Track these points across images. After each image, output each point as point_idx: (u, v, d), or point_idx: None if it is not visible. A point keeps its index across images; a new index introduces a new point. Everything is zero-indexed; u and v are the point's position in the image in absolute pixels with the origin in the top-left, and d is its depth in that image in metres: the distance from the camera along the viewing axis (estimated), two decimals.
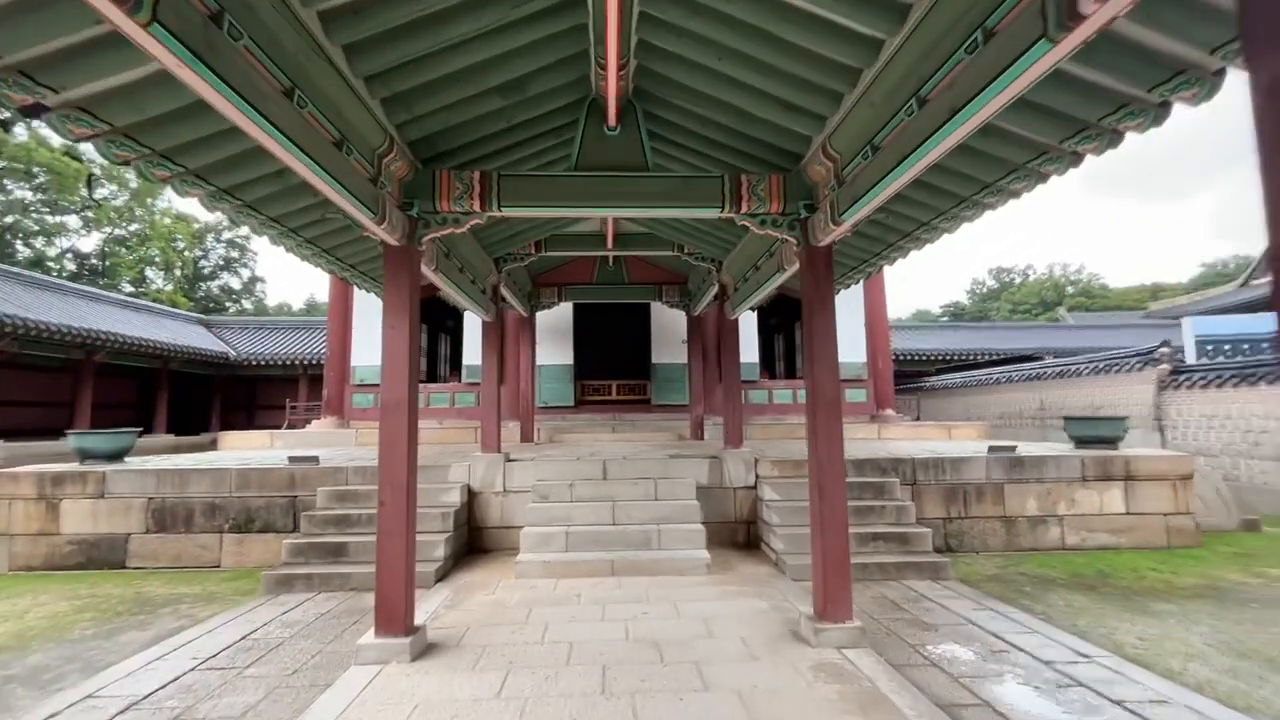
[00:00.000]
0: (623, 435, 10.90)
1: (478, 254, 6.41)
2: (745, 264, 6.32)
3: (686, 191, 4.25)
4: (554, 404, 12.06)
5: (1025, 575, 6.01)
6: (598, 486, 6.69)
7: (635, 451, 8.20)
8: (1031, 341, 22.06)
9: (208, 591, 5.83)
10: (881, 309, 12.56)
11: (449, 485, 6.74)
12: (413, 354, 4.07)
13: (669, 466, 7.04)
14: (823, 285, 4.21)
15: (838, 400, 4.14)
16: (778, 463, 7.08)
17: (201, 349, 19.16)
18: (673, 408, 12.22)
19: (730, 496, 7.04)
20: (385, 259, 4.08)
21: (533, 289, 10.35)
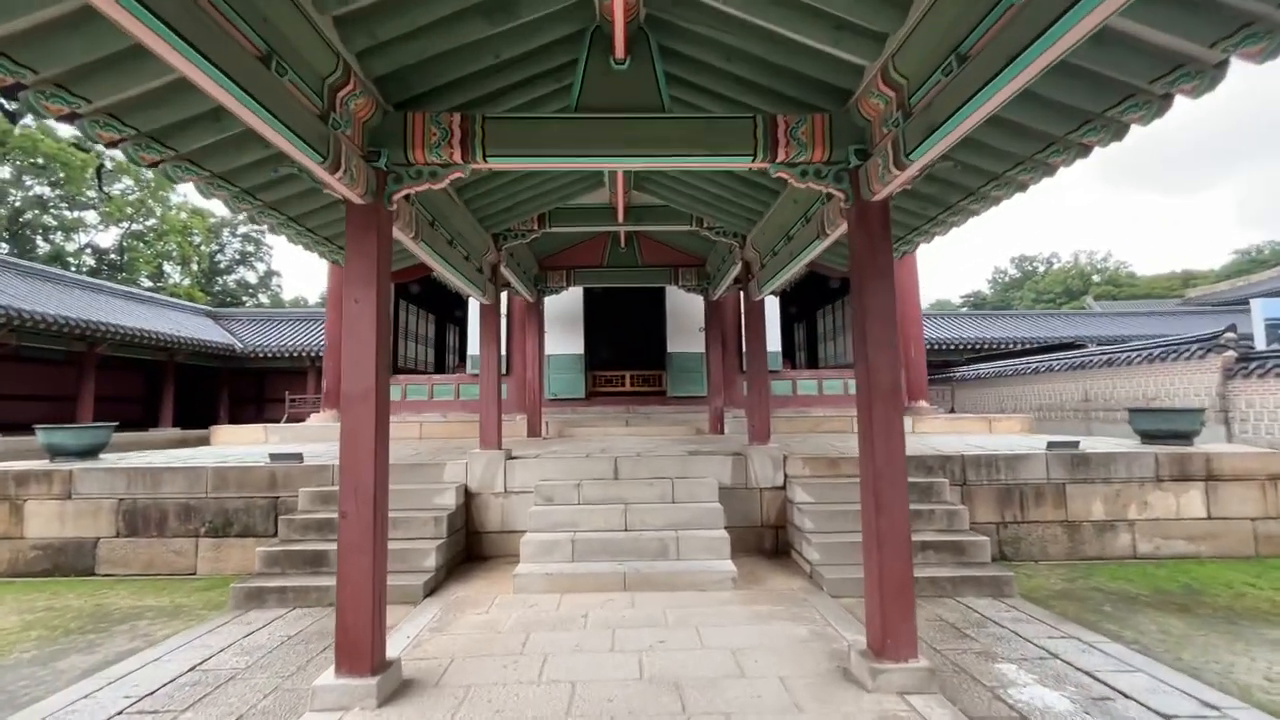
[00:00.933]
0: (636, 429, 10.19)
1: (472, 227, 5.71)
2: (774, 235, 5.55)
3: (710, 136, 3.49)
4: (563, 396, 11.38)
5: (1100, 591, 5.22)
6: (608, 487, 5.99)
7: (650, 447, 7.49)
8: (1065, 330, 20.95)
9: (175, 604, 5.23)
10: (913, 292, 11.69)
11: (443, 486, 6.08)
12: (381, 333, 3.38)
13: (688, 465, 6.32)
14: (878, 249, 3.44)
15: (898, 390, 3.39)
16: (809, 460, 6.32)
17: (207, 341, 18.78)
18: (690, 400, 11.48)
19: (756, 499, 6.30)
20: (348, 220, 3.39)
21: (539, 272, 9.65)
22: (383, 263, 3.41)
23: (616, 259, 9.83)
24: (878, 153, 3.27)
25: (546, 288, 9.67)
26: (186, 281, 35.47)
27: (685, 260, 9.83)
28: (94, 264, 32.64)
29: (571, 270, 9.71)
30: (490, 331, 6.53)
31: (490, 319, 6.55)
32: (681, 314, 11.61)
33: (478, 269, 6.06)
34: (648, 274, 9.88)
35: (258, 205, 4.02)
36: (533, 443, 8.76)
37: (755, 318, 6.56)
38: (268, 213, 4.18)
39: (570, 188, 6.09)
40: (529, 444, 8.50)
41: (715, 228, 6.64)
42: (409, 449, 8.16)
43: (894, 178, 3.13)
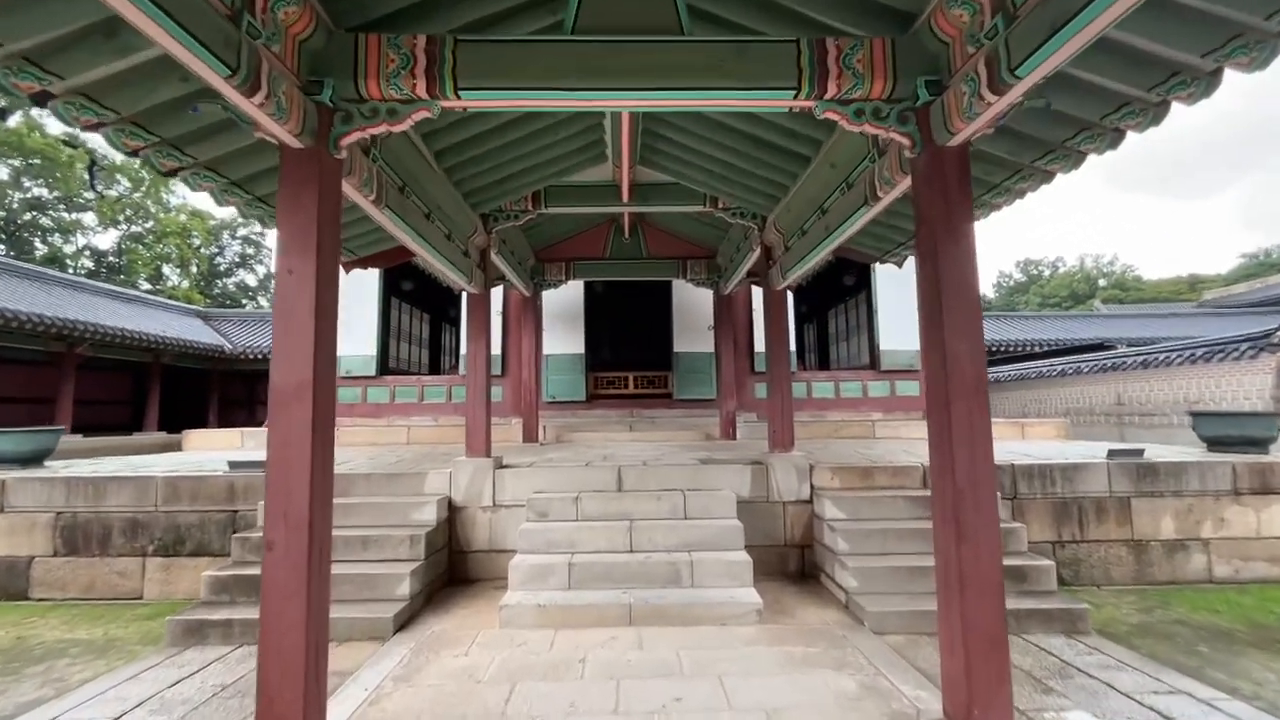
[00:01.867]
0: (641, 434, 9.44)
1: (455, 203, 4.99)
2: (802, 211, 4.81)
3: (741, 64, 2.76)
4: (562, 398, 10.64)
5: (1185, 625, 4.46)
6: (611, 501, 5.24)
7: (657, 455, 6.75)
8: (1083, 332, 20.18)
9: (107, 638, 4.49)
10: None
11: (423, 499, 5.34)
12: (324, 314, 2.65)
13: (700, 475, 5.57)
14: (956, 207, 2.70)
15: (983, 387, 2.65)
16: (839, 471, 5.57)
17: (194, 342, 18.09)
18: (698, 403, 10.73)
19: (779, 514, 5.55)
20: (281, 169, 2.66)
21: (536, 264, 8.93)
22: (327, 224, 2.68)
23: (620, 250, 9.12)
24: (960, 81, 2.53)
25: (544, 281, 8.95)
26: (185, 284, 35.23)
27: (694, 251, 9.11)
28: (92, 266, 32.41)
29: (571, 262, 8.99)
30: (479, 326, 5.80)
31: (479, 311, 5.82)
32: (689, 311, 10.87)
33: (463, 252, 5.34)
34: (653, 266, 9.16)
35: (189, 163, 3.30)
36: (528, 449, 8.03)
37: (776, 311, 5.82)
38: (204, 175, 3.45)
39: (568, 159, 5.37)
40: (524, 450, 7.76)
41: (732, 208, 5.91)
42: (392, 455, 7.42)
43: (986, 108, 2.40)
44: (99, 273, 31.41)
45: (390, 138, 3.52)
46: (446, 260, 4.85)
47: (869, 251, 5.89)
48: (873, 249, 5.79)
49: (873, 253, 5.87)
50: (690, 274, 9.02)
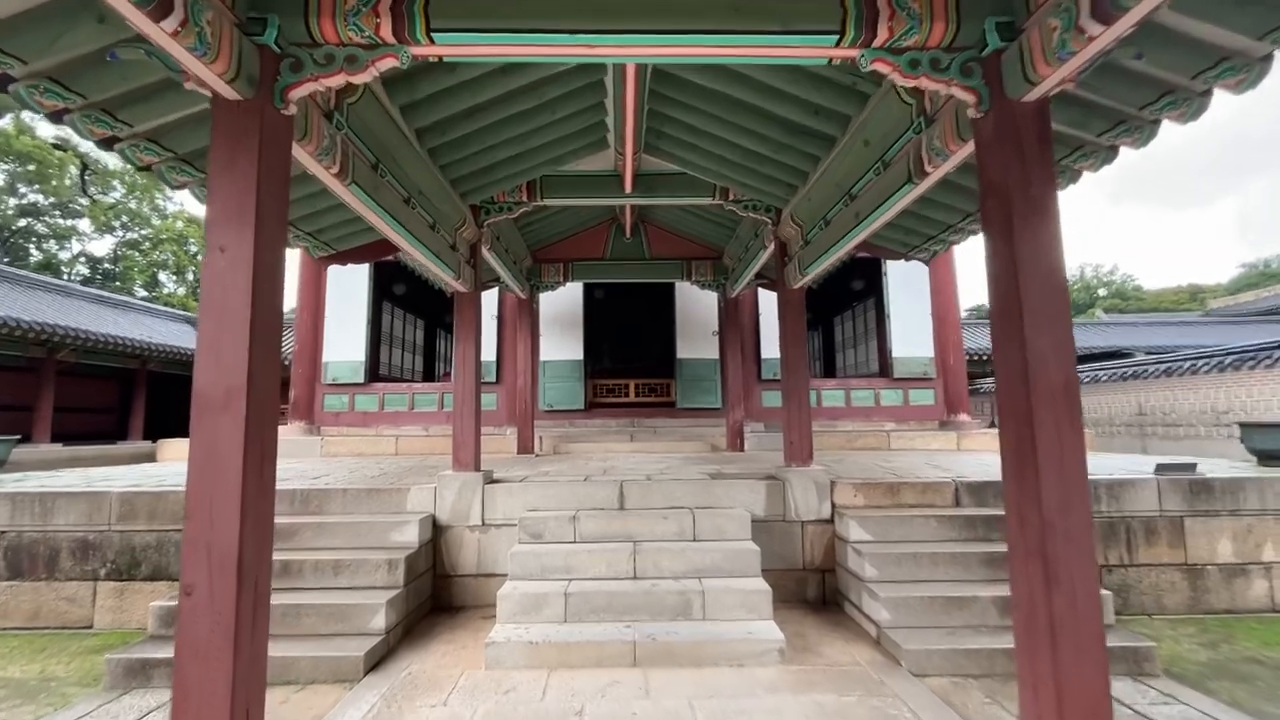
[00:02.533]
0: (642, 445, 8.93)
1: (440, 189, 4.51)
2: (826, 199, 4.34)
3: (773, 1, 2.29)
4: (560, 407, 10.14)
5: (1260, 664, 3.94)
6: (612, 520, 4.73)
7: (661, 468, 6.24)
8: (1090, 340, 19.75)
9: (43, 676, 3.97)
10: (951, 292, 10.48)
11: (404, 518, 4.82)
12: (265, 303, 2.16)
13: (710, 492, 5.06)
14: (1035, 171, 2.23)
15: (1073, 391, 2.16)
16: (862, 487, 5.07)
17: (183, 348, 17.56)
18: (702, 412, 10.23)
19: (797, 535, 5.04)
20: (214, 124, 2.18)
21: (532, 265, 8.46)
22: (270, 194, 2.20)
23: (620, 251, 8.65)
24: (1049, 13, 2.06)
25: (541, 283, 8.48)
26: (182, 291, 35.12)
27: (699, 252, 8.65)
28: (88, 273, 32.37)
29: (569, 263, 8.52)
30: (468, 327, 5.31)
31: (468, 312, 5.33)
32: (693, 316, 10.39)
33: (450, 245, 4.85)
34: (656, 268, 8.69)
35: (125, 132, 2.81)
36: (522, 461, 7.51)
37: (792, 312, 5.33)
38: (145, 146, 2.96)
39: (566, 144, 4.90)
40: (518, 463, 7.25)
41: (743, 200, 5.44)
42: (376, 468, 6.90)
43: (1084, 45, 1.93)
44: (94, 279, 31.34)
45: (359, 104, 3.05)
46: (431, 253, 4.36)
47: (891, 249, 5.41)
48: (897, 245, 5.32)
49: (896, 250, 5.40)
50: (695, 276, 8.55)
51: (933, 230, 4.83)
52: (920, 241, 5.03)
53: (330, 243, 4.96)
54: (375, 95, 3.26)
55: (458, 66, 3.45)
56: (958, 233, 4.73)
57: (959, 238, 4.86)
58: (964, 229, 4.62)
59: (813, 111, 3.85)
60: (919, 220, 4.78)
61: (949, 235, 4.86)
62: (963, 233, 4.70)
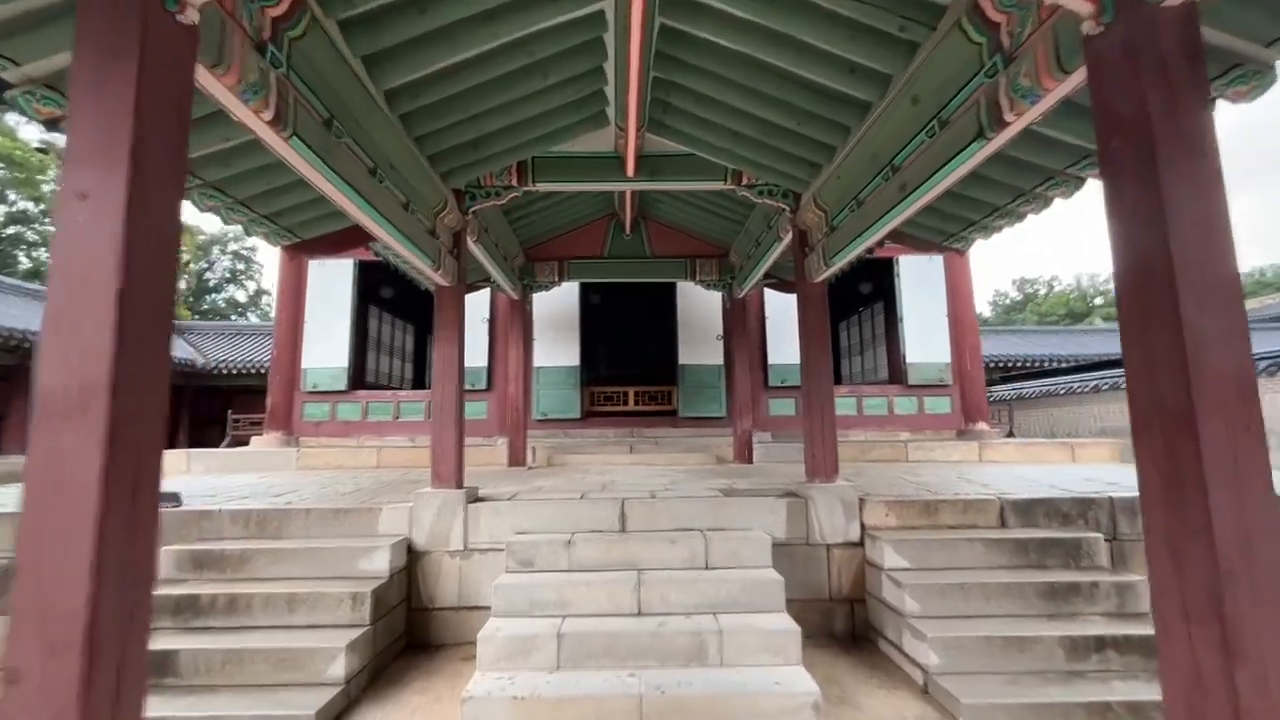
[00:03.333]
0: (643, 457, 8.33)
1: (416, 165, 3.94)
2: (861, 173, 3.77)
3: None
4: (554, 416, 9.54)
5: None
6: (612, 545, 4.12)
7: (665, 483, 5.64)
8: (1099, 347, 19.30)
9: None
10: (967, 292, 9.95)
11: (375, 542, 4.20)
12: (139, 267, 1.57)
13: (723, 511, 4.47)
14: (1184, 94, 1.66)
15: (1250, 390, 1.58)
16: (895, 505, 4.48)
17: None
18: (706, 421, 9.65)
19: (822, 560, 4.44)
20: (78, 22, 1.60)
21: (525, 263, 7.89)
22: (156, 122, 1.62)
23: (620, 248, 8.10)
24: None
25: (534, 283, 7.91)
26: None
27: (704, 249, 8.09)
28: None
29: (565, 262, 7.95)
30: (450, 326, 4.72)
31: (451, 308, 4.74)
32: (696, 319, 9.83)
33: (428, 230, 4.28)
34: (658, 267, 8.13)
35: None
36: (513, 475, 6.90)
37: (813, 309, 4.77)
38: (44, 96, 2.38)
39: (560, 118, 4.35)
40: (508, 477, 6.64)
41: (759, 184, 4.89)
42: (351, 482, 6.28)
43: None
44: None
45: (305, 41, 2.48)
46: (404, 237, 3.79)
47: (923, 238, 4.86)
48: (931, 233, 4.77)
49: (929, 239, 4.84)
50: (700, 275, 7.99)
51: (976, 213, 4.28)
52: (959, 228, 4.48)
53: (293, 229, 4.38)
54: (328, 35, 2.69)
55: (429, 6, 2.89)
56: (1005, 216, 4.18)
57: (1006, 222, 4.31)
58: (1013, 211, 4.06)
59: (847, 70, 3.30)
60: (959, 202, 4.23)
61: (994, 219, 4.31)
62: (1011, 216, 4.15)
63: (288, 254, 4.41)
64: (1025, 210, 3.97)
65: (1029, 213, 4.03)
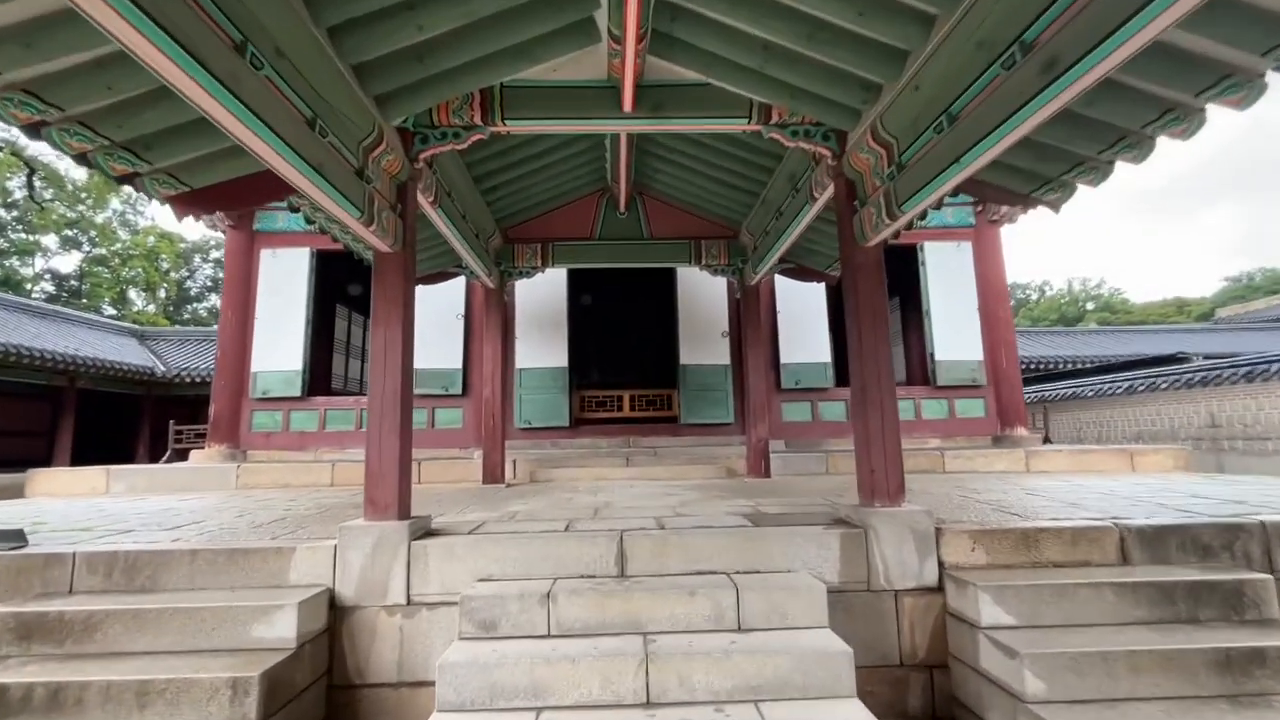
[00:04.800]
0: (642, 471, 7.19)
1: (324, 64, 2.82)
2: (960, 70, 2.68)
3: None
4: (540, 424, 8.39)
5: None
6: (608, 598, 2.98)
7: (673, 504, 4.52)
8: (1115, 348, 18.43)
9: None
10: (1000, 283, 8.94)
11: (278, 598, 3.02)
12: None
13: (755, 547, 3.34)
14: None
15: None
16: (983, 536, 3.37)
17: (117, 363, 15.59)
18: (711, 429, 8.54)
19: (888, 612, 3.32)
20: None
21: (503, 244, 6.78)
22: None
23: (613, 228, 7.00)
24: None
25: (513, 268, 6.79)
26: (152, 308, 33.86)
27: (710, 229, 7.02)
28: (53, 290, 31.12)
29: (549, 244, 6.84)
30: (391, 304, 3.58)
31: (392, 280, 3.60)
32: (698, 313, 8.74)
33: (355, 170, 3.15)
34: (657, 249, 7.03)
35: None
36: (486, 495, 5.75)
37: (866, 281, 3.67)
38: None
39: (536, 23, 3.24)
40: (479, 498, 5.49)
41: (794, 122, 3.81)
42: (284, 507, 5.10)
43: None
44: (60, 296, 30.00)
45: None
46: (310, 167, 2.66)
47: (1007, 188, 3.76)
48: (1019, 178, 3.67)
49: (1012, 189, 3.74)
50: (706, 258, 6.90)
51: (1061, 165, 3.22)
52: (1061, 169, 3.39)
53: (174, 172, 3.23)
54: None
55: None
56: (1093, 170, 3.13)
57: (1094, 176, 3.24)
58: (1102, 162, 3.03)
59: None
60: (1037, 152, 3.16)
61: (1083, 172, 3.25)
62: (1099, 170, 3.10)
63: (180, 206, 3.26)
64: (1117, 157, 2.92)
65: (1114, 163, 3.00)
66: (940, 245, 8.97)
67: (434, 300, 8.48)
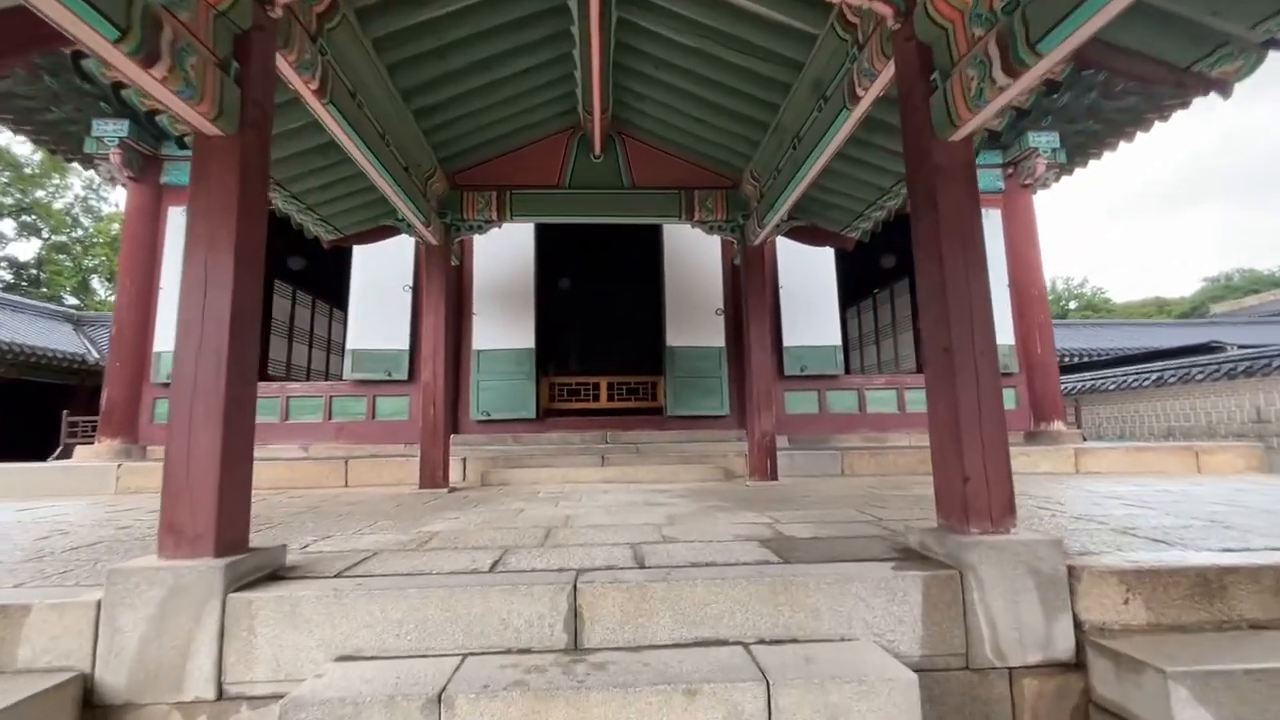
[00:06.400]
0: (621, 471, 5.92)
1: None
2: None
3: None
4: (500, 415, 7.10)
5: None
6: (545, 699, 1.72)
7: (657, 520, 3.26)
8: (1113, 341, 17.56)
9: None
10: (1033, 254, 7.81)
11: None
12: None
13: (788, 600, 2.10)
14: None
15: None
16: (1144, 579, 2.16)
17: (41, 349, 14.03)
18: (701, 421, 7.32)
19: (996, 702, 2.10)
20: None
21: (450, 191, 5.47)
22: None
23: (586, 176, 5.72)
24: None
25: (461, 220, 5.49)
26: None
27: (705, 178, 5.76)
28: (10, 279, 29.39)
29: (507, 192, 5.55)
30: (213, 212, 2.27)
31: (218, 175, 2.29)
32: (688, 285, 7.49)
33: None
34: (640, 202, 5.75)
35: None
36: (409, 506, 4.44)
37: (951, 189, 2.44)
38: None
39: None
40: (397, 511, 4.19)
41: None
42: (146, 522, 3.76)
43: None
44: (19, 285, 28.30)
45: None
46: None
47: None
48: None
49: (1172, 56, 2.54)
50: (700, 212, 5.65)
51: None
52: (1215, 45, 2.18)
53: None
54: None
55: None
56: None
57: None
58: None
59: None
60: None
61: None
62: None
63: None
64: None
65: None
66: None
67: (377, 268, 7.17)
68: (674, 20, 4.09)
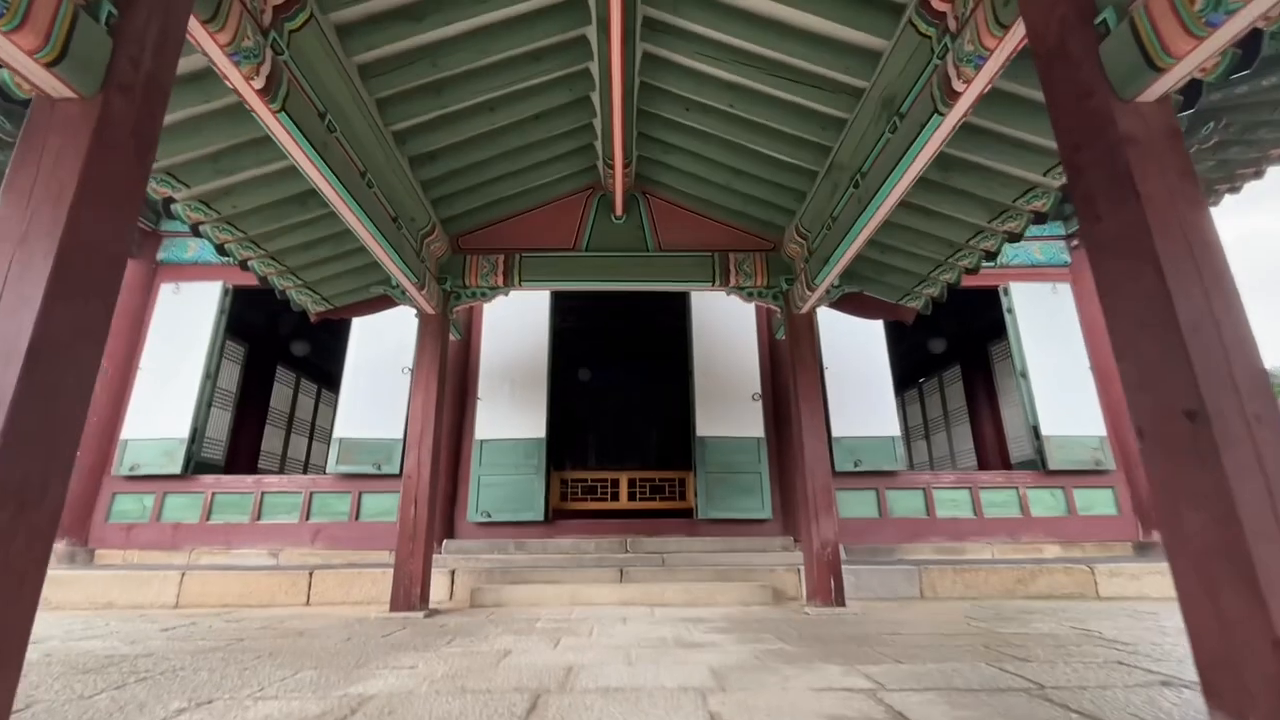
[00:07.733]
0: (643, 591, 4.76)
1: None
2: None
3: None
4: (503, 517, 6.07)
5: None
6: None
7: (698, 679, 2.16)
8: None
9: None
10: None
11: None
12: None
13: None
14: None
15: None
16: None
17: None
18: (740, 525, 6.19)
19: None
20: None
21: (452, 254, 4.82)
22: None
23: (605, 238, 5.06)
24: None
25: (464, 287, 4.80)
26: None
27: (739, 239, 5.06)
28: None
29: (514, 256, 4.89)
30: (20, 211, 1.51)
31: (44, 163, 1.56)
32: (720, 364, 6.63)
33: None
34: (666, 266, 5.02)
35: None
36: (360, 642, 3.36)
37: (1171, 196, 1.59)
38: None
39: None
40: (339, 650, 3.12)
41: None
42: None
43: None
44: None
45: None
46: None
47: None
48: None
49: None
50: (736, 278, 4.89)
51: None
52: None
53: None
54: None
55: None
56: None
57: None
58: None
59: None
60: None
61: None
62: None
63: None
64: None
65: None
66: (1030, 287, 6.99)
67: (372, 348, 6.49)
68: (708, 48, 3.52)
